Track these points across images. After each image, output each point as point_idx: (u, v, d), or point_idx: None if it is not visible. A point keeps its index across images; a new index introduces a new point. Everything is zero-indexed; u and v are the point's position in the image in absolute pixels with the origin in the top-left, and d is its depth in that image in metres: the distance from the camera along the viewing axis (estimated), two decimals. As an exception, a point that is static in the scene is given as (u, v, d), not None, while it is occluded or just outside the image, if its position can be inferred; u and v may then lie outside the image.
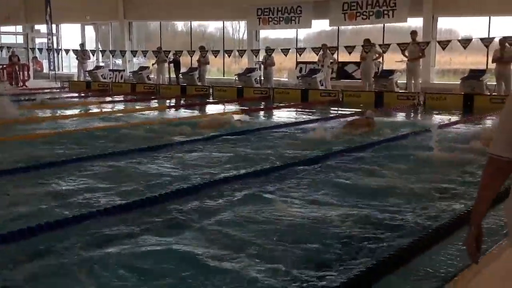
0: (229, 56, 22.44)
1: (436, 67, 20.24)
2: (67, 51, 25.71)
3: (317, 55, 19.26)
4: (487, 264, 3.57)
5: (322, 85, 18.48)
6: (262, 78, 20.26)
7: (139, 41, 28.60)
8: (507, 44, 15.33)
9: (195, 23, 26.55)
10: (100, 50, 27.92)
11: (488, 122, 11.72)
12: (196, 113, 14.77)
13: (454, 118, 12.69)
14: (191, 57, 23.08)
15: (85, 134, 9.89)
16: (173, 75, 22.56)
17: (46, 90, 20.67)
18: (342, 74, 20.92)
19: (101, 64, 27.41)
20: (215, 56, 21.85)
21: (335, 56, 19.78)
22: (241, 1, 22.43)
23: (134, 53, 25.62)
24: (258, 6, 22.61)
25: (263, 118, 13.68)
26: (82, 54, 24.13)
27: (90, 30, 29.92)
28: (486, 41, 16.87)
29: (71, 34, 30.40)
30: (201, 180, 6.46)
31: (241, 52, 22.19)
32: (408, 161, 7.67)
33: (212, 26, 27.72)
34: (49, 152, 8.17)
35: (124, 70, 25.13)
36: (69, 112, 13.82)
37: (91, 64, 26.10)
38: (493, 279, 3.49)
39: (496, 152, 2.20)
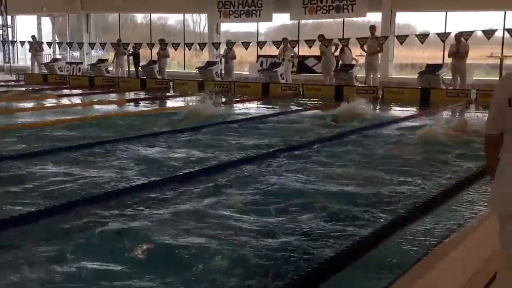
0: (189, 49, 22.25)
1: (394, 61, 20.54)
2: (22, 43, 25.06)
3: (278, 48, 19.31)
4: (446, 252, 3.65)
5: (282, 78, 18.54)
6: (223, 71, 20.18)
7: (98, 33, 28.09)
8: (462, 39, 15.67)
9: (155, 16, 26.25)
10: (57, 42, 27.32)
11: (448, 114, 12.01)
12: (156, 106, 14.65)
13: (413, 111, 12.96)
14: (151, 50, 22.80)
15: (40, 128, 9.70)
16: (132, 68, 22.26)
17: (1, 83, 20.11)
18: (303, 68, 21.04)
19: (58, 56, 26.83)
20: (175, 49, 21.62)
21: (295, 50, 19.85)
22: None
23: (92, 45, 25.15)
24: (219, -1, 22.50)
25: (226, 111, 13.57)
26: (37, 46, 23.58)
27: (46, 22, 29.23)
28: (443, 36, 17.17)
29: (27, 26, 29.63)
30: (158, 175, 6.43)
31: (202, 45, 22.04)
32: (366, 152, 7.81)
33: (173, 19, 27.53)
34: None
35: (82, 63, 24.65)
36: (26, 105, 13.53)
37: (47, 56, 25.51)
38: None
39: (487, 131, 2.85)
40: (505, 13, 17.79)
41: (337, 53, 18.21)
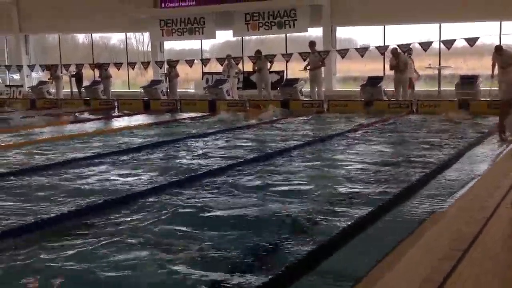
0: (133, 69, 22.06)
1: (337, 74, 20.97)
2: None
3: (222, 65, 19.41)
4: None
5: (228, 95, 18.60)
6: (168, 90, 20.11)
7: (38, 54, 27.42)
8: (400, 52, 16.17)
9: (96, 35, 25.91)
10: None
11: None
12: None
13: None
14: (93, 70, 22.49)
15: None
16: (75, 89, 21.89)
17: None
18: (248, 84, 21.18)
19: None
20: (118, 69, 21.38)
21: (240, 66, 20.00)
22: (143, 12, 22.19)
23: (31, 67, 24.57)
24: (161, 17, 22.45)
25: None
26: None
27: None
28: (382, 49, 17.68)
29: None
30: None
31: (145, 64, 21.89)
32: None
33: (115, 38, 27.21)
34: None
35: (22, 86, 24.04)
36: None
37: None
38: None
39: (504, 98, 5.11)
40: (440, 25, 18.52)
41: (273, 68, 18.60)
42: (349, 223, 5.06)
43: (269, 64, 18.35)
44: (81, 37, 28.30)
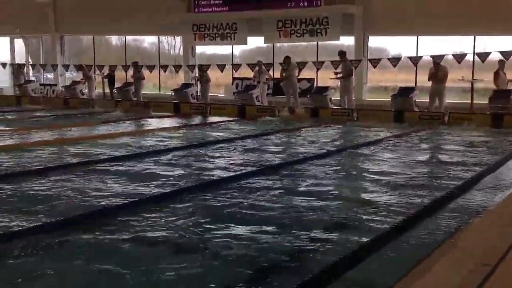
0: (164, 72, 22.28)
1: (368, 84, 20.84)
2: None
3: (253, 71, 19.47)
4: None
5: (258, 101, 18.65)
6: (199, 93, 20.25)
7: (72, 54, 27.89)
8: (440, 63, 16.00)
9: (129, 38, 26.23)
10: (30, 64, 27.09)
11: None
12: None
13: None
14: (126, 72, 22.80)
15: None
16: (107, 90, 22.22)
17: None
18: (278, 90, 21.18)
19: (32, 78, 26.60)
20: (150, 72, 21.64)
21: (270, 72, 20.02)
22: (176, 16, 22.39)
23: (66, 67, 25.01)
24: (194, 22, 22.62)
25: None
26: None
27: (20, 43, 28.92)
28: (415, 60, 17.53)
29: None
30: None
31: (177, 68, 22.08)
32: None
33: (147, 41, 27.52)
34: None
35: (56, 85, 24.48)
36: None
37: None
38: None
39: None
40: (474, 37, 18.27)
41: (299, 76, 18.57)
42: (377, 233, 5.01)
43: (297, 71, 18.33)
44: (114, 39, 28.71)
